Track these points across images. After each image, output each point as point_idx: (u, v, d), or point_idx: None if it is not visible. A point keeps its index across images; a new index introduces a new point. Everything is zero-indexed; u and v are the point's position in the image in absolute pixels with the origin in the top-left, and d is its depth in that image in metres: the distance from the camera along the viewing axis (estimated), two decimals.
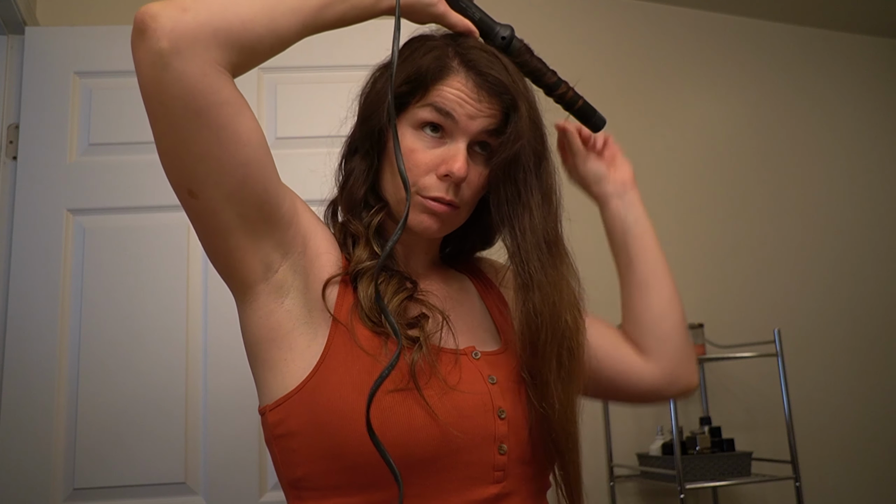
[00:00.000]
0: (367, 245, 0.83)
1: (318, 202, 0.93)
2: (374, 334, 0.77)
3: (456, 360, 0.80)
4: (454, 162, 0.79)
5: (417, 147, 0.81)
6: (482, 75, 0.80)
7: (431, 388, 0.75)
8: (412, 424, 0.72)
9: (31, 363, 1.58)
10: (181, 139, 0.70)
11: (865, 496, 2.61)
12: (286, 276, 0.78)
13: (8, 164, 1.68)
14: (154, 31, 0.65)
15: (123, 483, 1.56)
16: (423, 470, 0.74)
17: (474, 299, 0.94)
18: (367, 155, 0.86)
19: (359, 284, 0.80)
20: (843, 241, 2.83)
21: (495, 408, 0.78)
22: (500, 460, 0.78)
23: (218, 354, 1.63)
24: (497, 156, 0.81)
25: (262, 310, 0.78)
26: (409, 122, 0.82)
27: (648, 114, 2.66)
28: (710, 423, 2.26)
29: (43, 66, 1.71)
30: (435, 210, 0.81)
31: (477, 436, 0.76)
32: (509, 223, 0.82)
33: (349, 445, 0.72)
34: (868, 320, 2.78)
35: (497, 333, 0.90)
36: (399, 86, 0.81)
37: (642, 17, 2.73)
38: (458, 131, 0.80)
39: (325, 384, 0.75)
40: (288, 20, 0.73)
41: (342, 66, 1.79)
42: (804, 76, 2.94)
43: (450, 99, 0.80)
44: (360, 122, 0.87)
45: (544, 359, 0.80)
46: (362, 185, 0.85)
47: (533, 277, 0.80)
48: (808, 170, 2.86)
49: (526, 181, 0.81)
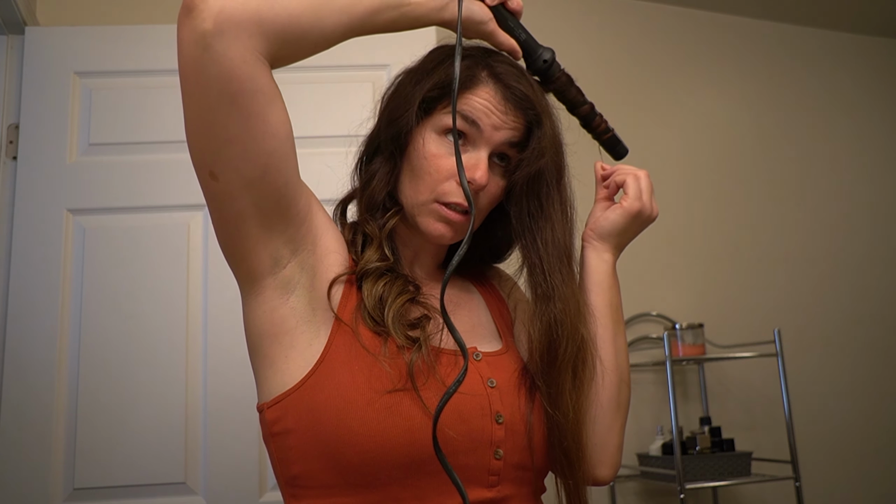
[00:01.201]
0: (379, 248, 0.83)
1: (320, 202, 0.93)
2: (375, 334, 0.77)
3: (456, 361, 0.80)
4: (476, 170, 0.80)
5: (440, 152, 0.82)
6: (510, 88, 0.82)
7: (430, 389, 0.75)
8: (410, 425, 0.72)
9: (31, 363, 1.58)
10: (211, 121, 0.70)
11: (865, 496, 2.61)
12: (294, 272, 0.78)
13: (8, 164, 1.68)
14: (201, 11, 0.66)
15: (123, 483, 1.56)
16: (418, 471, 0.74)
17: (477, 301, 0.94)
18: (390, 157, 0.86)
19: (364, 284, 0.80)
20: (844, 241, 2.83)
21: (493, 412, 0.78)
22: (496, 465, 0.78)
23: (218, 354, 1.63)
24: (520, 169, 0.83)
25: (267, 304, 0.78)
26: (434, 127, 0.83)
27: (648, 114, 2.66)
28: (710, 423, 2.26)
29: (43, 66, 1.71)
30: (451, 219, 0.82)
31: (473, 439, 0.76)
32: (531, 235, 0.84)
33: (347, 445, 0.72)
34: (868, 320, 2.78)
35: (498, 334, 0.91)
36: (428, 90, 0.83)
37: (642, 17, 2.73)
38: (482, 140, 0.82)
39: (325, 383, 0.75)
40: (336, 20, 0.74)
41: (343, 67, 1.80)
42: (804, 76, 2.94)
43: (477, 108, 0.81)
44: (384, 124, 0.87)
45: (562, 369, 0.81)
46: (384, 187, 0.85)
47: (556, 289, 0.82)
48: (809, 170, 2.86)
49: (549, 195, 0.84)
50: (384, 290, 0.79)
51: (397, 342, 0.76)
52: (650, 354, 2.38)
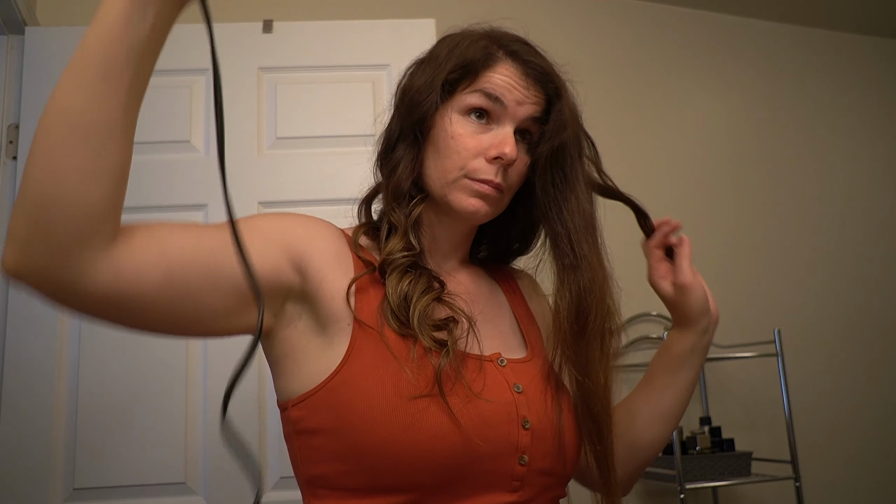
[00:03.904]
0: (405, 237, 0.83)
1: (318, 202, 0.93)
2: (401, 337, 0.76)
3: (480, 367, 0.79)
4: (504, 145, 0.81)
5: (465, 132, 0.82)
6: (528, 63, 0.83)
7: (456, 395, 0.74)
8: (436, 432, 0.72)
9: (31, 363, 1.58)
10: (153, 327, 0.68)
11: (865, 496, 2.61)
12: (293, 308, 0.78)
13: (8, 164, 1.68)
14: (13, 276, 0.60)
15: (123, 483, 1.56)
16: (442, 476, 0.73)
17: (502, 303, 0.93)
18: (413, 143, 0.86)
19: (388, 280, 0.80)
20: (843, 241, 2.83)
21: (520, 417, 0.78)
22: (520, 470, 0.77)
23: (218, 354, 1.63)
24: (544, 142, 0.83)
25: (276, 337, 0.79)
26: (456, 108, 0.83)
27: (648, 113, 2.66)
28: (710, 423, 2.26)
29: (43, 66, 1.71)
30: (484, 192, 0.82)
31: (499, 445, 0.76)
32: (556, 206, 0.84)
33: (373, 450, 0.71)
34: (868, 320, 2.78)
35: (524, 341, 0.90)
36: (448, 73, 0.83)
37: (642, 17, 2.73)
38: (506, 117, 0.83)
39: (350, 386, 0.74)
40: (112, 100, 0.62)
41: (342, 67, 1.80)
42: (804, 76, 2.94)
43: (499, 85, 0.82)
44: (405, 112, 0.86)
45: (591, 337, 0.82)
46: (410, 174, 0.85)
47: (583, 257, 0.82)
48: (808, 170, 2.86)
49: (573, 166, 0.84)
50: (409, 287, 0.79)
51: (424, 345, 0.75)
52: (650, 354, 2.38)
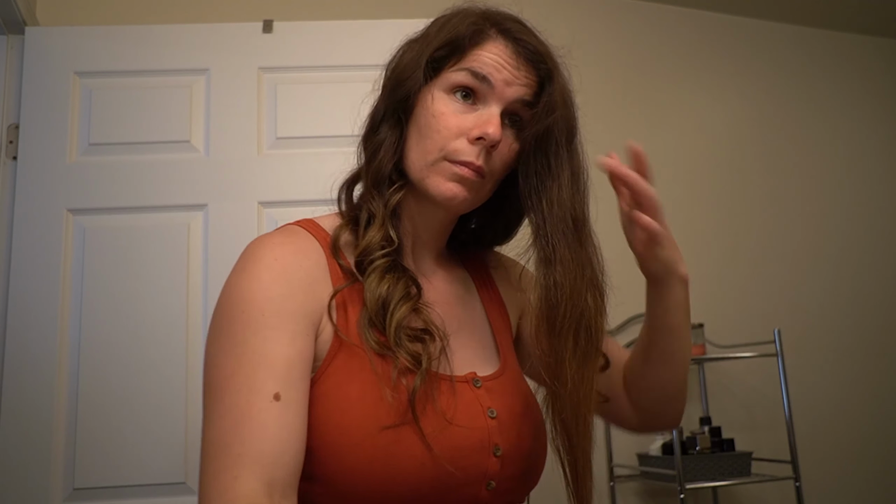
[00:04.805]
0: (382, 227, 0.79)
1: (318, 202, 0.92)
2: (381, 357, 0.73)
3: (453, 389, 0.77)
4: (489, 125, 0.76)
5: (447, 110, 0.78)
6: (520, 42, 0.79)
7: (429, 419, 0.72)
8: (409, 463, 0.70)
9: (31, 363, 1.58)
10: None
11: (865, 496, 2.61)
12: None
13: (8, 164, 1.68)
14: None
15: (123, 483, 1.56)
16: (419, 501, 0.72)
17: (476, 304, 0.91)
18: (397, 123, 0.82)
19: (367, 279, 0.77)
20: (843, 241, 2.83)
21: (492, 445, 0.76)
22: (485, 496, 0.76)
23: None
24: (531, 126, 0.79)
25: None
26: (442, 86, 0.79)
27: (648, 113, 2.66)
28: (710, 423, 2.26)
29: (43, 66, 1.71)
30: (463, 175, 0.77)
31: (470, 474, 0.74)
32: (536, 196, 0.79)
33: (342, 476, 0.70)
34: (868, 320, 2.78)
35: (496, 350, 0.88)
36: (435, 50, 0.80)
37: (642, 17, 2.73)
38: (493, 97, 0.78)
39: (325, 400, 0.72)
40: None
41: (342, 66, 1.80)
42: (804, 76, 2.94)
43: (487, 63, 0.78)
44: (390, 90, 0.83)
45: (561, 335, 0.77)
46: (391, 157, 0.81)
47: (556, 251, 0.77)
48: (808, 169, 2.86)
49: (557, 154, 0.79)
50: (387, 292, 0.76)
51: (399, 365, 0.72)
52: None
